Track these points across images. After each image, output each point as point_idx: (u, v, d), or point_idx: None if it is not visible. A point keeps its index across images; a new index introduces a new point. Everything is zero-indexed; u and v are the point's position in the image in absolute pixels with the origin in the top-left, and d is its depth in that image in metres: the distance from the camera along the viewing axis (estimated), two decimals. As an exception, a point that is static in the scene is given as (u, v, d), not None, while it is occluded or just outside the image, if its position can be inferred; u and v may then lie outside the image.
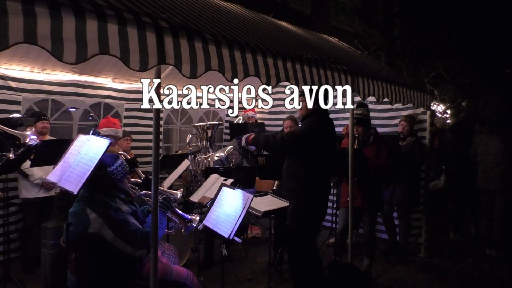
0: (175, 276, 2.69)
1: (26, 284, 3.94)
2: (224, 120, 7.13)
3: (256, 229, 6.05)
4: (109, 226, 2.39)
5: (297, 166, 3.48)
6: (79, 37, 1.89)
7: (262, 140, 3.48)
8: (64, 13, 1.84)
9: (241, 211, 2.82)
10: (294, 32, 5.05)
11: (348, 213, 4.19)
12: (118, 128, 4.55)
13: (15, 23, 1.70)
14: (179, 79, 5.83)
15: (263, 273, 4.49)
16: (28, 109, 4.65)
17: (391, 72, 5.71)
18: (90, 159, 2.26)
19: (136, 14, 2.16)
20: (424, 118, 5.40)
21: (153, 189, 2.47)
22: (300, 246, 3.46)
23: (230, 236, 2.72)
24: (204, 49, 2.47)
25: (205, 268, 4.47)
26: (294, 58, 3.22)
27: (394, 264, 4.95)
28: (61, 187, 2.28)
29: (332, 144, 3.68)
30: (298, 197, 3.46)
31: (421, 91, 5.04)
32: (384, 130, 5.49)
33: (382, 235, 5.52)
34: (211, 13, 3.50)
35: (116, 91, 5.50)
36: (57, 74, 4.85)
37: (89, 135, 2.53)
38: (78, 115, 5.22)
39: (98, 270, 2.46)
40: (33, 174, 4.26)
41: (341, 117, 6.12)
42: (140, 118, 5.82)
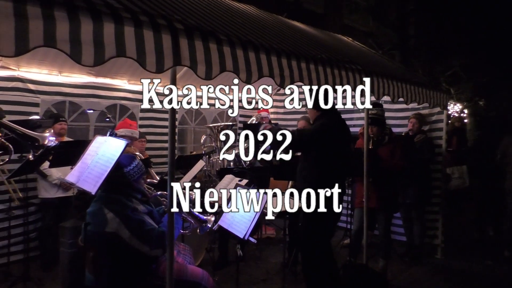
0: (190, 276, 2.72)
1: (44, 282, 4.01)
2: (238, 121, 7.15)
3: (270, 229, 6.05)
4: (126, 225, 2.42)
5: (310, 169, 3.47)
6: (96, 39, 1.93)
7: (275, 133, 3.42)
8: (82, 16, 1.87)
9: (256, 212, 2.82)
10: (307, 32, 5.04)
11: (363, 214, 4.17)
12: (135, 129, 4.61)
13: (35, 27, 1.74)
14: (194, 80, 5.87)
15: (277, 274, 4.49)
16: (46, 110, 4.74)
17: (406, 71, 5.65)
18: (108, 159, 2.30)
19: (152, 17, 2.19)
20: (440, 118, 5.33)
21: (169, 190, 2.50)
22: (312, 247, 3.45)
23: (245, 237, 2.73)
24: (218, 50, 2.49)
25: (219, 268, 4.49)
26: (308, 58, 3.21)
27: (410, 265, 4.90)
28: (79, 187, 2.32)
29: (345, 145, 3.65)
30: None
31: (437, 90, 4.97)
32: (399, 130, 5.43)
33: (397, 237, 5.46)
34: (225, 14, 3.52)
35: (132, 92, 5.57)
36: (74, 76, 4.94)
37: (106, 136, 2.56)
38: (94, 117, 5.30)
39: (115, 269, 2.50)
40: (51, 174, 4.34)
41: (355, 117, 6.08)
42: (155, 119, 5.89)
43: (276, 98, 7.49)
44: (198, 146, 6.41)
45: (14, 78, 4.43)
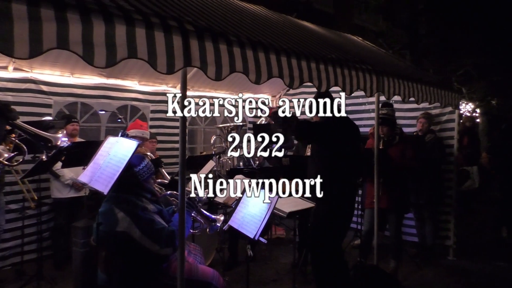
0: (201, 276, 2.73)
1: (57, 281, 4.07)
2: (248, 121, 7.16)
3: (280, 230, 6.05)
4: (137, 224, 2.45)
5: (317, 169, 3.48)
6: (108, 41, 1.95)
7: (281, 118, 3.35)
8: (94, 18, 1.90)
9: (266, 212, 2.82)
10: (317, 32, 5.03)
11: (373, 214, 4.14)
12: (145, 130, 4.65)
13: (49, 29, 1.77)
14: (203, 81, 5.93)
15: (287, 274, 4.49)
16: (58, 112, 4.81)
17: (417, 70, 5.61)
18: (119, 160, 2.33)
19: (163, 18, 2.21)
20: (452, 118, 5.28)
21: (180, 190, 2.51)
22: (322, 247, 3.44)
23: (255, 237, 2.73)
24: (228, 51, 2.50)
25: (229, 268, 4.50)
26: (318, 58, 3.21)
27: (421, 266, 4.85)
28: (91, 187, 2.35)
29: (354, 145, 3.64)
30: (320, 199, 3.45)
31: (448, 90, 4.93)
32: (410, 130, 5.39)
33: (408, 238, 5.42)
34: (235, 15, 3.53)
35: (142, 93, 5.62)
36: (86, 77, 5.00)
37: (118, 137, 2.59)
38: (105, 117, 5.36)
39: (127, 268, 2.52)
40: (64, 175, 4.40)
41: (365, 117, 6.05)
42: (166, 120, 5.92)
43: (285, 98, 7.48)
44: (208, 146, 6.43)
45: (27, 79, 4.50)
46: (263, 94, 7.45)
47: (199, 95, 6.30)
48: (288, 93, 7.43)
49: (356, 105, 6.18)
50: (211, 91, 6.48)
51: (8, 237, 4.40)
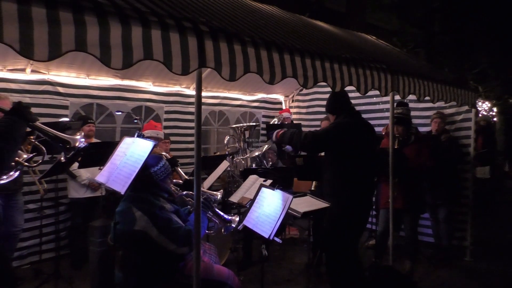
0: (216, 275, 2.74)
1: (74, 280, 4.13)
2: (261, 122, 7.17)
3: (294, 230, 6.04)
4: (154, 223, 2.47)
5: (331, 171, 3.48)
6: (125, 43, 1.97)
7: (287, 137, 3.48)
8: (111, 21, 1.92)
9: (281, 212, 2.82)
10: (330, 32, 5.01)
11: (388, 215, 4.11)
12: (160, 131, 4.69)
13: (67, 32, 1.80)
14: (217, 81, 5.95)
15: (301, 274, 4.48)
16: (75, 113, 4.89)
17: (432, 69, 5.54)
18: (136, 160, 2.35)
19: (177, 19, 2.23)
20: (468, 117, 5.20)
21: (196, 190, 2.53)
22: (337, 248, 3.43)
23: (270, 236, 2.73)
24: (243, 52, 2.51)
25: (243, 268, 4.51)
26: (332, 58, 3.19)
27: (438, 267, 4.79)
28: (109, 187, 2.38)
29: (368, 145, 3.61)
30: (334, 200, 3.45)
31: (464, 88, 4.85)
32: (426, 130, 5.33)
33: (424, 238, 5.36)
34: (248, 15, 3.53)
35: (156, 94, 5.67)
36: (101, 79, 5.07)
37: (134, 137, 2.62)
38: (120, 118, 5.42)
39: (144, 267, 2.55)
40: (80, 175, 4.47)
41: (379, 116, 6.00)
42: (179, 121, 5.97)
43: (299, 98, 7.47)
44: (222, 146, 6.46)
45: (45, 81, 4.59)
46: (276, 94, 7.45)
47: (212, 95, 6.34)
48: (301, 93, 7.42)
49: (370, 104, 6.13)
50: (224, 92, 6.51)
51: (27, 236, 4.48)
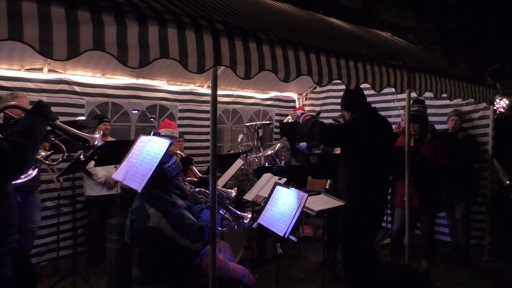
0: (231, 273, 2.75)
1: (91, 276, 4.18)
2: (274, 120, 7.16)
3: (308, 228, 6.02)
4: (167, 219, 2.49)
5: (348, 166, 3.47)
6: (141, 42, 1.99)
7: (310, 123, 3.48)
8: (128, 20, 1.93)
9: (296, 210, 2.81)
10: (345, 29, 4.97)
11: (403, 214, 4.06)
12: (174, 129, 4.72)
13: (85, 31, 1.82)
14: (230, 80, 5.96)
15: (316, 273, 4.47)
16: (91, 111, 4.95)
17: (449, 66, 5.45)
18: (152, 158, 2.37)
19: (194, 18, 2.23)
20: (486, 114, 5.11)
21: (211, 188, 2.54)
22: (352, 244, 3.41)
23: (285, 235, 2.73)
24: (258, 50, 2.50)
25: (258, 266, 4.52)
26: (348, 55, 3.16)
27: (454, 267, 4.72)
28: (126, 185, 2.40)
29: (385, 141, 3.58)
30: (350, 196, 3.44)
31: (482, 85, 4.77)
32: (443, 127, 5.25)
33: (441, 237, 5.29)
34: (263, 13, 3.53)
35: (171, 93, 5.71)
36: (116, 78, 5.12)
37: (150, 135, 2.64)
38: (135, 117, 5.47)
39: (159, 264, 2.57)
40: (96, 173, 4.53)
41: (394, 114, 5.94)
42: (193, 119, 6.01)
43: (312, 96, 7.44)
44: (235, 145, 6.48)
45: (61, 81, 4.66)
46: (290, 92, 7.43)
47: (226, 94, 6.35)
48: (314, 91, 7.39)
49: (384, 102, 6.07)
50: (237, 90, 6.52)
51: (45, 233, 4.57)
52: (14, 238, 1.84)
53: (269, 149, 5.68)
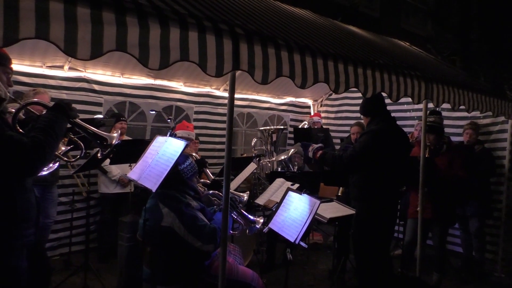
0: (241, 276, 2.76)
1: (101, 273, 4.23)
2: (289, 125, 7.16)
3: (318, 235, 5.99)
4: (180, 220, 2.51)
5: (361, 176, 3.45)
6: (163, 44, 2.01)
7: (329, 160, 3.49)
8: (151, 22, 1.97)
9: (308, 216, 2.81)
10: (363, 37, 4.95)
11: (416, 225, 4.02)
12: (191, 131, 4.76)
13: (109, 32, 1.85)
14: (246, 84, 5.99)
15: (325, 280, 4.44)
16: (108, 110, 5.03)
17: (468, 77, 5.39)
18: (168, 159, 2.40)
19: (214, 22, 2.26)
20: (505, 128, 5.03)
21: (225, 191, 2.55)
22: (364, 253, 3.38)
23: (296, 241, 2.72)
24: (276, 55, 2.51)
25: (266, 270, 4.51)
26: (365, 64, 3.15)
27: (466, 281, 4.65)
28: (140, 184, 2.43)
29: (400, 152, 3.54)
30: (361, 204, 3.42)
31: (501, 98, 4.69)
32: (459, 139, 5.18)
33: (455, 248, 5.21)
34: (282, 19, 3.54)
35: (187, 94, 5.77)
36: (134, 78, 5.20)
37: (167, 136, 2.67)
38: (151, 117, 5.54)
39: (170, 264, 2.59)
40: (111, 171, 4.59)
41: (408, 124, 5.88)
42: (209, 121, 6.05)
43: (327, 103, 7.42)
44: (248, 148, 6.49)
45: (81, 79, 4.75)
46: (305, 98, 7.43)
47: (242, 97, 6.39)
48: (329, 98, 7.37)
49: (400, 111, 6.02)
50: (253, 94, 6.55)
51: (58, 228, 4.64)
52: (31, 232, 1.88)
53: (283, 154, 5.69)
